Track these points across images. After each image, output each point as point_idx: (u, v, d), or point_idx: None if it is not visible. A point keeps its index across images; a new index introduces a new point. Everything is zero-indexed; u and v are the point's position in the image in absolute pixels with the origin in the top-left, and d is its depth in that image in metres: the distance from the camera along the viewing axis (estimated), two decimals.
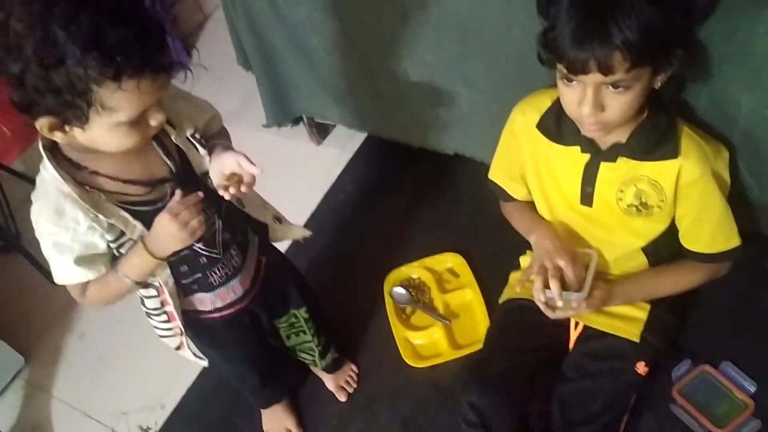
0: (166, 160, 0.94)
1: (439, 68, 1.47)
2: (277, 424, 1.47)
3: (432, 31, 1.39)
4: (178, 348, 1.16)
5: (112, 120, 0.77)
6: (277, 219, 1.20)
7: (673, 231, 1.10)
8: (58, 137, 0.80)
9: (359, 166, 1.97)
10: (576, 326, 1.22)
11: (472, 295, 1.57)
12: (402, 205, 1.83)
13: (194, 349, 1.16)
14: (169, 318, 1.08)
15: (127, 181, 0.90)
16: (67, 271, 0.90)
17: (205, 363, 1.20)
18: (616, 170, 1.06)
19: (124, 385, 1.71)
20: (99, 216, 0.86)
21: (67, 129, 0.78)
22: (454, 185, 1.80)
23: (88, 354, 1.81)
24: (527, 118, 1.13)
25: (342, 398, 1.50)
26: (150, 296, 1.04)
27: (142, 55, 0.73)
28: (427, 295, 1.61)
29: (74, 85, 0.72)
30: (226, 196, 0.91)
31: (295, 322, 1.32)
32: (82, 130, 0.78)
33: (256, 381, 1.35)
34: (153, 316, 1.09)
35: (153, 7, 0.74)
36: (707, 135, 1.06)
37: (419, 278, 1.64)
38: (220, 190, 0.91)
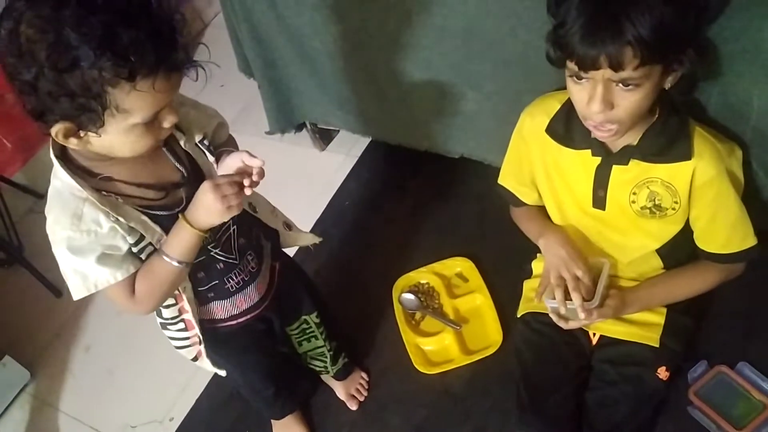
0: (178, 166, 0.94)
1: (443, 70, 1.46)
2: None
3: (436, 33, 1.37)
4: (195, 359, 1.14)
5: (128, 122, 0.77)
6: (287, 226, 1.20)
7: (687, 232, 1.09)
8: (72, 143, 0.79)
9: (364, 171, 1.96)
10: (594, 335, 1.22)
11: (482, 300, 1.55)
12: (408, 209, 1.81)
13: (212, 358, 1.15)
14: (186, 326, 1.07)
15: (141, 185, 0.89)
16: (93, 274, 0.86)
17: (223, 373, 1.19)
18: (629, 173, 1.05)
19: (132, 398, 1.69)
20: (119, 218, 0.85)
21: (82, 134, 0.77)
22: (461, 188, 1.79)
23: (95, 367, 1.80)
24: (536, 121, 1.12)
25: (353, 407, 1.48)
26: (168, 305, 1.03)
27: (156, 54, 0.72)
28: (437, 301, 1.59)
29: (89, 88, 0.71)
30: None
31: (306, 328, 1.31)
32: (97, 135, 0.77)
33: (270, 392, 1.35)
34: (169, 326, 1.08)
35: (160, 6, 0.74)
36: (719, 134, 1.05)
37: (428, 283, 1.63)
38: None
